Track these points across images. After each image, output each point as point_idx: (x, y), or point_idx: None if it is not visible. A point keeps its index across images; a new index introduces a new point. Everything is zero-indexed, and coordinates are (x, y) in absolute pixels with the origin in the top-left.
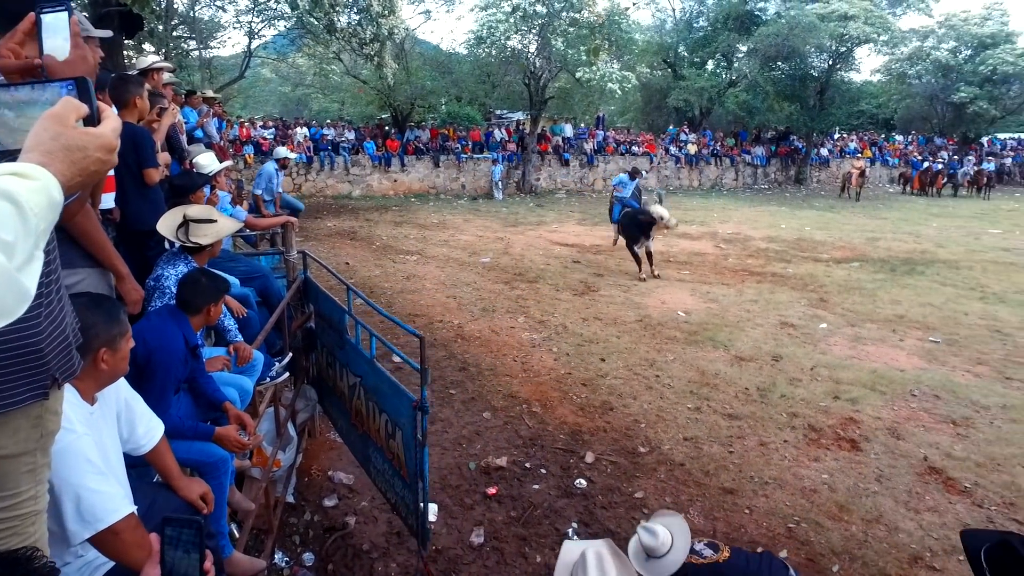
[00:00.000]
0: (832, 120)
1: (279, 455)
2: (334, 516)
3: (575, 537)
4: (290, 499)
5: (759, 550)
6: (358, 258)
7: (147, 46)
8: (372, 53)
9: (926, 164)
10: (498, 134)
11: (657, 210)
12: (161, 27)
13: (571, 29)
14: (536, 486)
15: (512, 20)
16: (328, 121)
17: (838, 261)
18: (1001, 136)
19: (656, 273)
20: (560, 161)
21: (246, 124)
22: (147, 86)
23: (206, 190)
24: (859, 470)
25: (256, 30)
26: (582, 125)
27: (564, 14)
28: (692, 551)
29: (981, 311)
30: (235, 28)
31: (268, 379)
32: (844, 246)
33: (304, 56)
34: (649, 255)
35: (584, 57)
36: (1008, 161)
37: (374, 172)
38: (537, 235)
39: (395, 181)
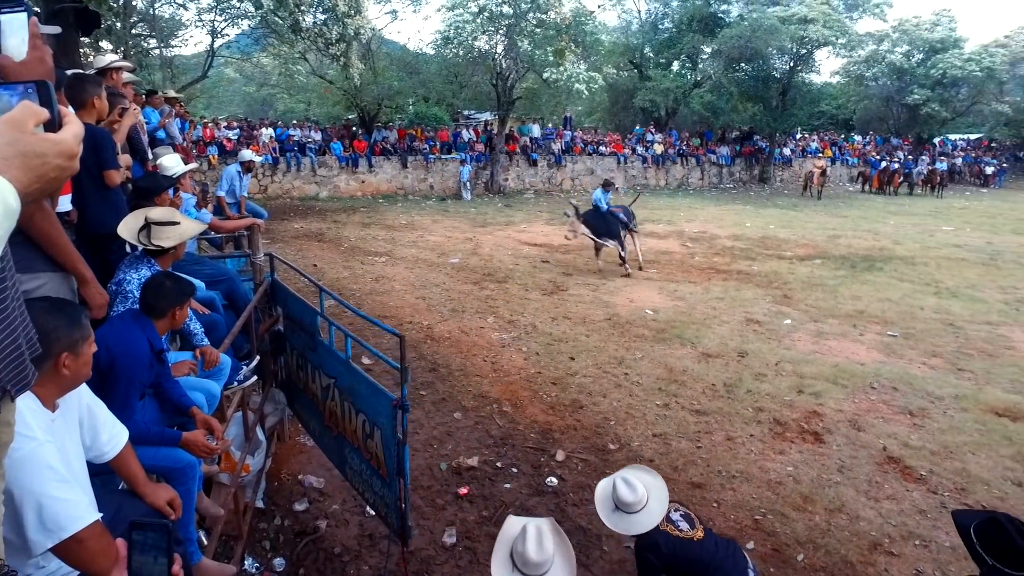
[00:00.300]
0: (794, 120)
1: (248, 460)
2: (305, 520)
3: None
4: (260, 504)
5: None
6: (326, 260)
7: (105, 44)
8: (338, 53)
9: (884, 164)
10: (466, 134)
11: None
12: (119, 24)
13: (537, 30)
14: (507, 485)
15: (479, 21)
16: (294, 122)
17: (801, 258)
18: (952, 137)
19: (640, 266)
20: (528, 161)
21: (210, 125)
22: (106, 86)
23: (170, 192)
24: (822, 462)
25: (219, 29)
26: (549, 125)
27: (530, 15)
28: (667, 518)
29: (935, 305)
30: (197, 27)
31: (236, 383)
32: (807, 244)
33: (269, 56)
34: (621, 252)
35: (551, 58)
36: (958, 161)
37: (341, 173)
38: (506, 235)
39: (363, 182)
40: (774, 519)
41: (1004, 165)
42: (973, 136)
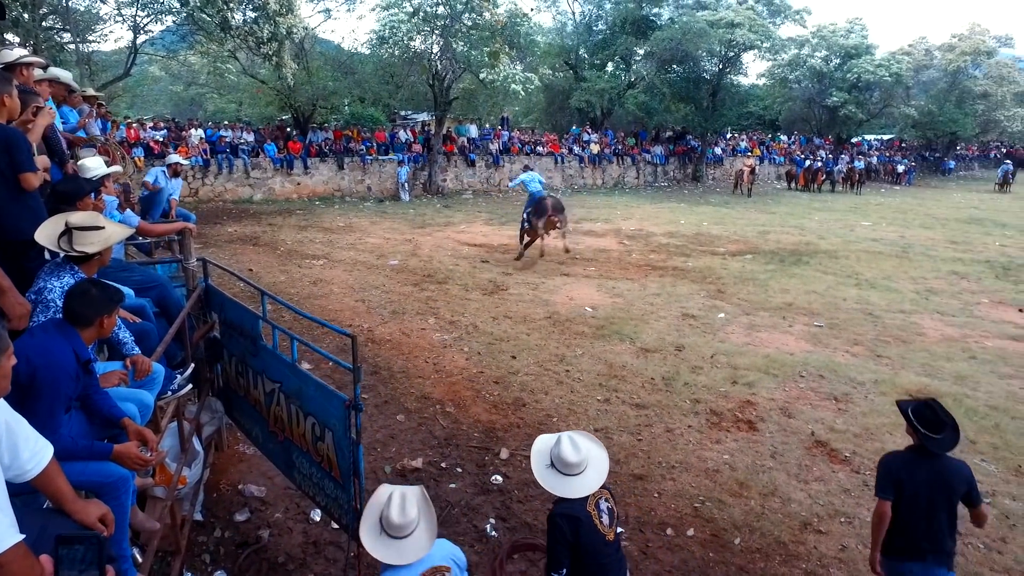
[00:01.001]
0: (724, 120)
1: (184, 471)
2: (246, 531)
3: (492, 533)
4: (198, 517)
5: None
6: (262, 264)
7: (11, 37)
8: (270, 52)
9: (808, 162)
10: (403, 135)
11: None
12: (27, 16)
13: (473, 32)
14: (453, 485)
15: (414, 21)
16: (225, 122)
17: (733, 254)
18: (868, 137)
19: (566, 248)
20: (466, 162)
21: (134, 125)
22: (17, 83)
23: (92, 196)
24: (756, 448)
25: (141, 24)
26: (487, 126)
27: (465, 16)
28: (595, 504)
29: (856, 296)
30: (117, 21)
31: (170, 392)
32: (738, 240)
33: (197, 54)
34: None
35: (487, 59)
36: (874, 160)
37: (276, 175)
38: (445, 236)
39: (298, 184)
40: (712, 506)
41: (913, 164)
42: (886, 137)
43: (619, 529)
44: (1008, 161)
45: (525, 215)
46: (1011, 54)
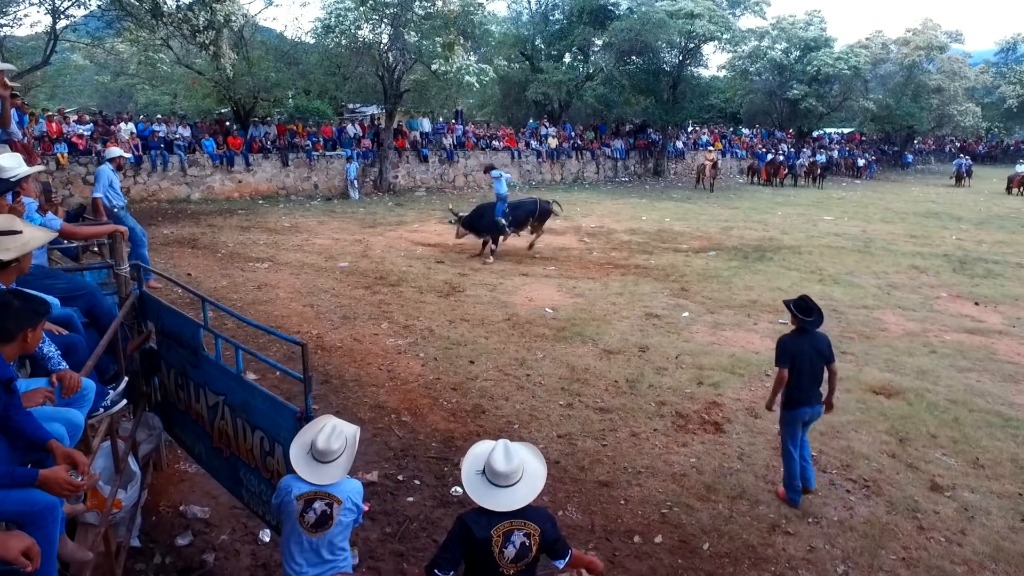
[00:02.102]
0: (685, 113)
1: (119, 494)
2: (189, 555)
3: None
4: (135, 543)
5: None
6: (201, 268)
7: None
8: (207, 41)
9: (770, 156)
10: (351, 129)
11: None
12: None
13: (424, 21)
14: (411, 498)
15: (361, 9)
16: (159, 116)
17: (696, 251)
18: (829, 131)
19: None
20: (418, 157)
21: (56, 119)
22: None
23: (8, 197)
24: (723, 451)
25: (61, 8)
26: (440, 120)
27: (416, 5)
28: (505, 534)
29: (820, 292)
30: (33, 4)
31: (102, 409)
32: (701, 236)
33: (125, 42)
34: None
35: (439, 50)
36: (835, 154)
37: (215, 172)
38: (397, 236)
39: (240, 182)
40: (680, 511)
41: (874, 158)
42: (846, 130)
43: (538, 572)
44: (962, 156)
45: (503, 218)
46: (961, 50)
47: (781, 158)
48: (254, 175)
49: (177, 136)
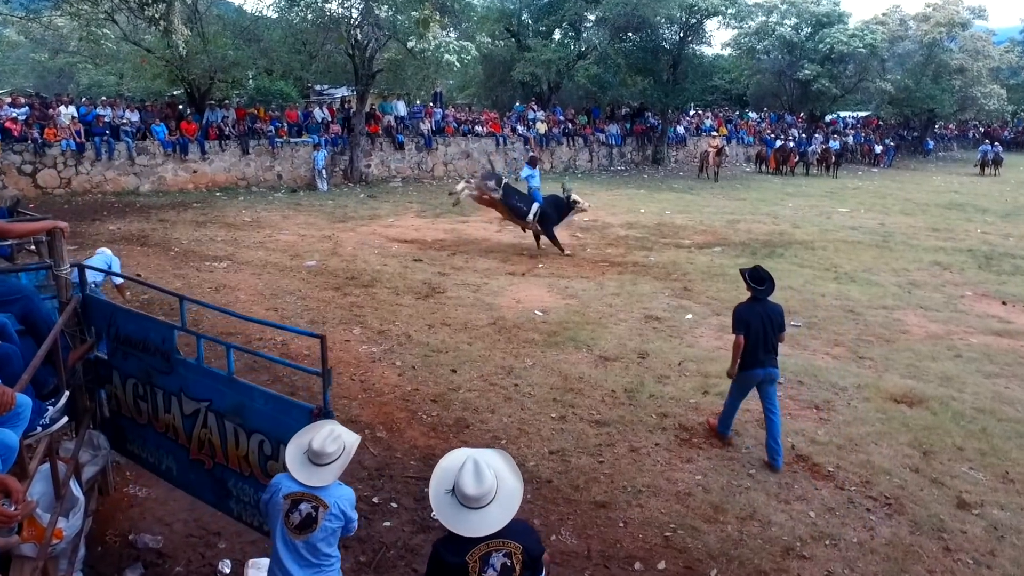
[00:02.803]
0: (687, 95)
1: (60, 523)
2: None
3: None
4: None
5: None
6: (152, 268)
7: None
8: (156, 15)
9: (779, 142)
10: (319, 114)
11: (573, 194)
12: None
13: None
14: (387, 523)
15: None
16: (103, 99)
17: (700, 246)
18: (843, 114)
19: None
20: (393, 144)
21: None
22: None
23: None
24: (731, 467)
25: None
26: (417, 102)
27: None
28: (484, 558)
29: (835, 292)
30: None
31: (40, 428)
32: (705, 230)
33: (65, 16)
34: (538, 237)
35: (415, 26)
36: (850, 139)
37: (167, 161)
38: (371, 231)
39: (194, 172)
40: (685, 534)
41: (893, 144)
42: (862, 114)
43: None
44: (988, 142)
45: (549, 211)
46: (985, 27)
47: (791, 144)
48: (210, 164)
49: (124, 121)
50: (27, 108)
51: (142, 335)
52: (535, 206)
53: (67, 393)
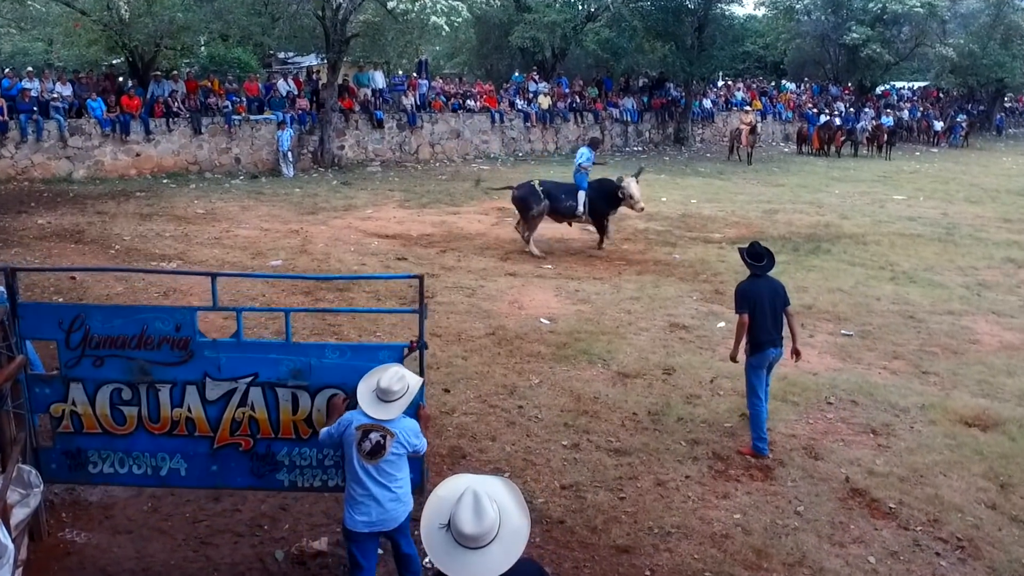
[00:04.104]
0: (714, 64)
1: None
2: None
3: None
4: None
5: None
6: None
7: None
8: None
9: (823, 118)
10: (283, 86)
11: (630, 186)
12: None
13: None
14: None
15: None
16: (29, 69)
17: (732, 241)
18: (898, 85)
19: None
20: (371, 122)
21: None
22: None
23: None
24: (775, 503)
25: None
26: (400, 72)
27: None
28: None
29: (893, 294)
30: None
31: None
32: (738, 222)
33: None
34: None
35: None
36: (905, 114)
37: (105, 143)
38: (345, 224)
39: (137, 156)
40: None
41: (959, 120)
42: (919, 85)
43: None
44: None
45: (594, 200)
46: None
47: (837, 121)
48: (156, 146)
49: (54, 96)
50: None
51: (135, 330)
52: (581, 195)
53: None
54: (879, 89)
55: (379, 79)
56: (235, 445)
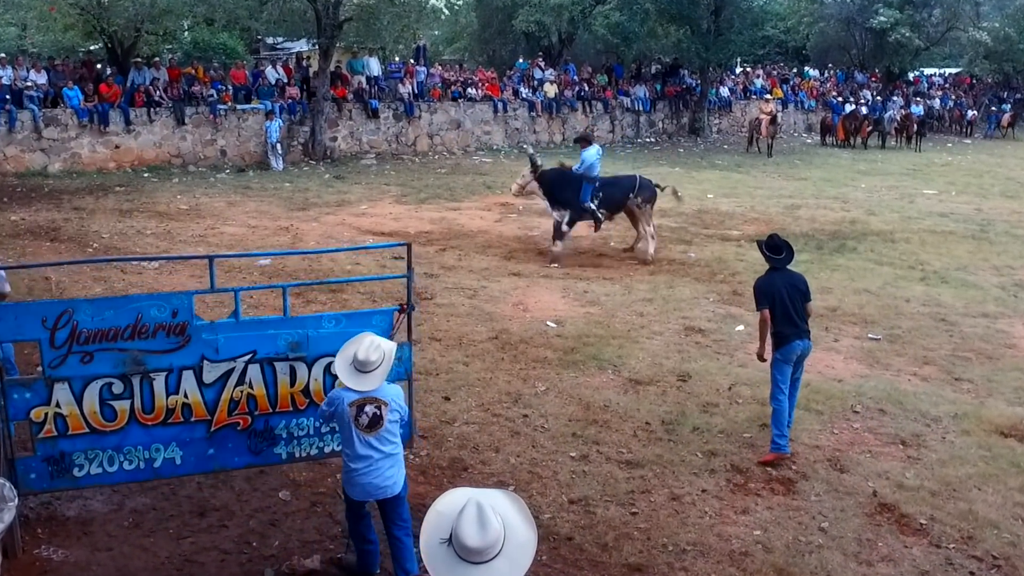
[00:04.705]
0: (732, 49)
1: None
2: None
3: None
4: None
5: None
6: (65, 269)
7: None
8: None
9: (849, 107)
10: (272, 74)
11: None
12: None
13: None
14: None
15: None
16: (2, 56)
17: (751, 239)
18: (928, 72)
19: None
20: (365, 112)
21: None
22: None
23: None
24: (798, 519)
25: None
26: (396, 59)
27: None
28: None
29: (923, 295)
30: None
31: None
32: (758, 218)
33: None
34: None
35: None
36: (936, 103)
37: (83, 134)
38: (338, 221)
39: (117, 148)
40: None
41: (999, 109)
42: (951, 71)
43: None
44: None
45: (590, 203)
46: None
47: (864, 110)
48: (137, 138)
49: (28, 84)
50: None
51: (129, 319)
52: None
53: None
54: (908, 76)
55: (374, 66)
56: (233, 425)
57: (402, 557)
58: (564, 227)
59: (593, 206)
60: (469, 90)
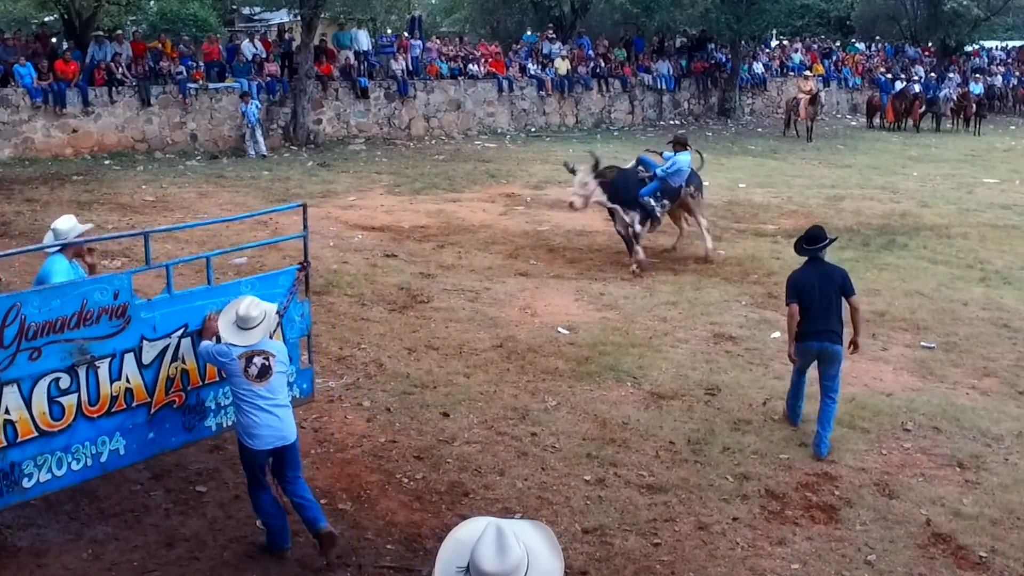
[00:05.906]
0: (766, 20)
1: None
2: None
3: None
4: None
5: None
6: (16, 270)
7: None
8: None
9: (899, 85)
10: (249, 48)
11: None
12: None
13: None
14: None
15: None
16: None
17: (789, 234)
18: (988, 45)
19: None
20: (354, 91)
21: None
22: None
23: None
24: (842, 551)
25: None
26: (388, 32)
27: None
28: None
29: (983, 298)
30: None
31: None
32: (796, 210)
33: None
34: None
35: None
36: (998, 80)
37: (36, 116)
38: (323, 214)
39: (74, 132)
40: None
41: None
42: (1015, 44)
43: None
44: None
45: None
46: None
47: (916, 89)
48: (97, 120)
49: None
50: None
51: (74, 307)
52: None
53: None
54: (966, 49)
55: (363, 39)
56: (170, 404)
57: (311, 517)
58: (638, 227)
59: (653, 202)
60: (470, 66)
